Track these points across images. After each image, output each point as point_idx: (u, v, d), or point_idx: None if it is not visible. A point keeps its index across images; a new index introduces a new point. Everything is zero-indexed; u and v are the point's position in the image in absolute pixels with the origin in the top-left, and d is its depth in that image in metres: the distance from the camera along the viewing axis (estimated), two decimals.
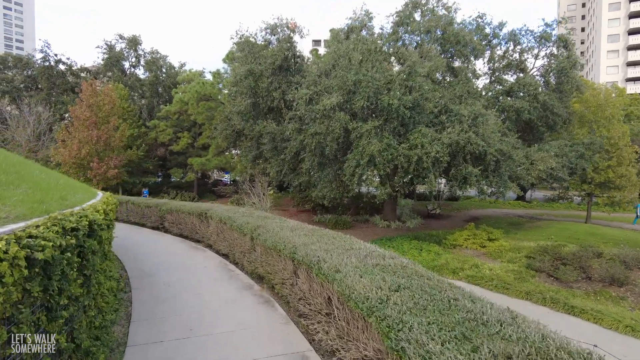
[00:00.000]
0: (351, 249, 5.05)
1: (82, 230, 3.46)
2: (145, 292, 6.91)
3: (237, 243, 8.66)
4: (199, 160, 35.49)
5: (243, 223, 8.12)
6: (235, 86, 24.73)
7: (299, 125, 19.09)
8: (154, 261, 9.61)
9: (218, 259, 9.84)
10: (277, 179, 23.16)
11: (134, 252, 10.60)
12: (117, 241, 12.78)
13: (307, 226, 7.22)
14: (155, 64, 46.49)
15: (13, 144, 35.17)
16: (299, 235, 6.10)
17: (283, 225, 7.20)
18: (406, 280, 3.69)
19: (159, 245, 11.96)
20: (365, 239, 21.85)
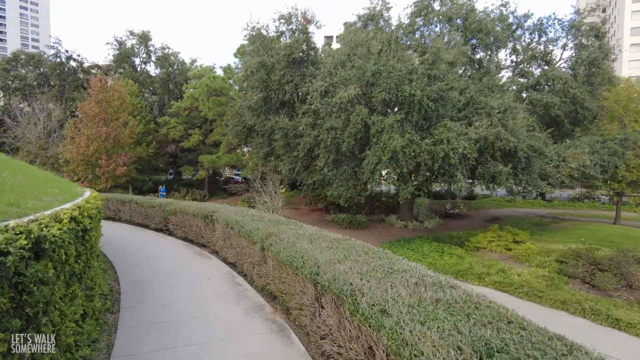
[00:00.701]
0: (393, 271, 3.84)
1: (14, 254, 2.35)
2: (136, 314, 5.80)
3: (246, 252, 7.57)
4: (210, 158, 34.60)
5: (252, 229, 7.01)
6: (246, 80, 23.66)
7: (313, 120, 17.90)
8: (152, 270, 8.59)
9: (224, 269, 8.79)
10: (289, 177, 22.04)
11: (132, 257, 9.62)
12: (116, 244, 11.84)
13: (329, 234, 6.04)
14: (167, 60, 45.81)
15: (23, 141, 34.79)
16: (321, 249, 4.94)
17: (300, 233, 6.06)
18: (494, 334, 2.46)
19: (160, 250, 10.98)
20: (382, 240, 20.64)
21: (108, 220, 17.58)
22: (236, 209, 10.10)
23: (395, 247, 18.65)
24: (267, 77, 21.30)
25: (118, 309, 5.93)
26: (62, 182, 7.79)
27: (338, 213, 27.36)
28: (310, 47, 21.73)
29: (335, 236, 5.88)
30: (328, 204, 29.17)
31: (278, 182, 23.04)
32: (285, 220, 7.69)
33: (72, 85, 42.95)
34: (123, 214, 16.07)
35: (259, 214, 8.66)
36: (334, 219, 26.26)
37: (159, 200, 13.87)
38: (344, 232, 22.97)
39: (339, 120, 15.79)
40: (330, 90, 16.47)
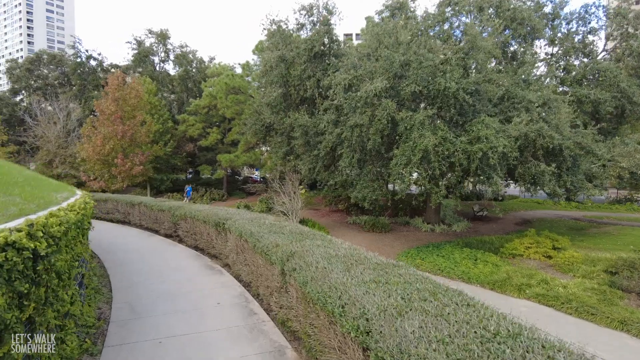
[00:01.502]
0: (493, 338, 2.46)
1: None
2: (122, 355, 4.61)
3: (262, 272, 6.38)
4: (228, 157, 33.80)
5: (270, 245, 5.78)
6: (264, 76, 22.62)
7: (335, 117, 16.65)
8: (153, 289, 7.53)
9: (237, 290, 7.56)
10: (309, 177, 20.87)
11: (133, 271, 8.66)
12: (119, 254, 10.75)
13: (370, 256, 4.76)
14: (185, 58, 45.36)
15: (43, 140, 34.77)
16: (366, 283, 3.59)
17: (331, 255, 4.75)
18: None
19: (167, 261, 9.92)
20: (408, 245, 19.23)
21: (117, 224, 16.87)
22: (252, 215, 8.92)
23: (424, 253, 17.29)
24: (287, 72, 20.18)
25: (100, 349, 4.74)
26: (41, 185, 6.72)
27: (360, 215, 26.08)
28: (332, 39, 20.49)
29: (379, 260, 4.54)
30: (349, 205, 27.91)
31: (297, 182, 21.94)
32: (310, 233, 6.41)
33: (92, 84, 42.93)
34: (132, 217, 15.23)
35: (278, 223, 7.42)
36: (355, 221, 25.03)
37: (169, 203, 12.90)
38: (366, 235, 21.68)
39: (364, 116, 14.49)
40: (355, 83, 15.18)
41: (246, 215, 8.93)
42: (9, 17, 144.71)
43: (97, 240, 12.70)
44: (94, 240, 12.93)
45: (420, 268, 16.17)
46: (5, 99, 41.80)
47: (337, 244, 5.28)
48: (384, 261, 4.41)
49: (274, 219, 8.01)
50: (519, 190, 35.75)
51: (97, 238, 12.94)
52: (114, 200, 16.34)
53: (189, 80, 44.65)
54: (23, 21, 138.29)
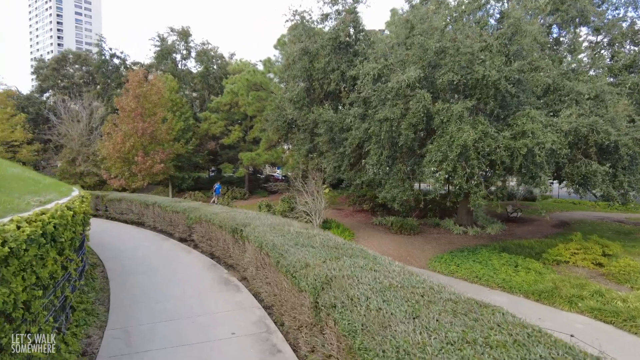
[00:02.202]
0: None
1: None
2: None
3: (288, 298, 5.09)
4: (249, 155, 33.06)
5: (298, 264, 4.60)
6: (287, 70, 21.62)
7: (363, 110, 15.45)
8: (159, 309, 6.48)
9: (256, 314, 6.31)
10: (333, 176, 19.74)
11: (138, 285, 7.72)
12: (126, 261, 9.76)
13: (439, 288, 3.44)
14: (206, 55, 44.96)
15: (67, 138, 34.92)
16: (453, 343, 2.35)
17: (383, 283, 3.54)
18: None
19: (178, 273, 8.86)
20: (440, 249, 17.85)
21: (131, 225, 16.17)
22: (274, 221, 7.71)
23: (459, 259, 15.95)
24: (310, 65, 19.10)
25: None
26: (21, 186, 5.80)
27: (386, 215, 24.82)
28: (359, 29, 19.27)
29: (453, 294, 3.33)
30: (374, 206, 26.68)
31: (321, 181, 20.88)
32: (347, 247, 5.21)
33: (115, 82, 43.07)
34: (147, 219, 14.48)
35: (305, 232, 6.20)
36: (381, 222, 23.80)
37: (184, 204, 11.96)
38: (394, 238, 20.42)
39: (395, 109, 13.24)
40: (385, 73, 13.94)
41: (267, 220, 7.68)
42: (40, 20, 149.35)
43: (105, 244, 11.97)
44: (102, 244, 12.06)
45: (456, 275, 14.87)
46: (33, 99, 42.42)
47: (385, 265, 4.03)
48: (461, 296, 3.18)
49: (300, 225, 6.88)
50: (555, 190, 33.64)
51: (107, 242, 12.13)
52: (128, 200, 15.63)
53: (210, 77, 44.25)
54: (53, 24, 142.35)
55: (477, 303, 2.98)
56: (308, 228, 6.51)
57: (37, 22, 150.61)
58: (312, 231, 6.23)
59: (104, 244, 11.69)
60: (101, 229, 15.19)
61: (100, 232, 14.21)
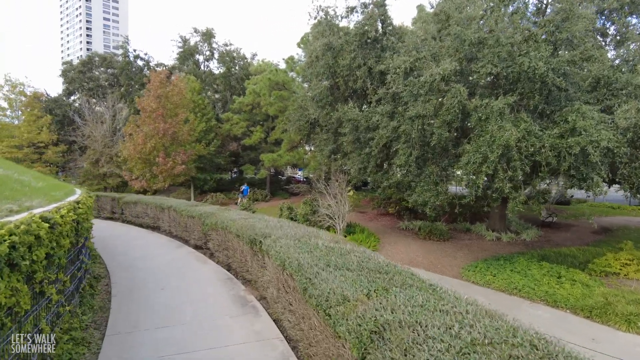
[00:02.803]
0: None
1: None
2: None
3: (321, 340, 3.94)
4: (271, 157, 32.41)
5: (332, 298, 3.53)
6: (309, 67, 20.76)
7: (391, 108, 14.41)
8: (162, 338, 5.53)
9: (278, 349, 5.16)
10: (358, 178, 18.72)
11: (143, 300, 6.96)
12: (135, 270, 9.06)
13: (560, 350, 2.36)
14: (229, 56, 44.73)
15: (90, 139, 35.14)
16: None
17: (459, 334, 2.50)
18: None
19: (191, 286, 7.93)
20: (473, 256, 16.55)
21: (146, 230, 15.49)
22: (299, 231, 6.56)
23: (494, 268, 14.70)
24: (334, 61, 18.16)
25: None
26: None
27: (413, 219, 23.65)
28: (387, 22, 18.23)
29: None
30: (401, 209, 25.54)
31: (344, 183, 19.91)
32: (394, 271, 4.05)
33: (139, 84, 43.33)
34: (162, 223, 13.83)
35: (337, 246, 5.03)
36: (408, 227, 22.67)
37: (200, 209, 11.07)
38: (422, 244, 19.28)
39: (427, 105, 12.17)
40: (417, 67, 12.86)
41: (291, 230, 6.53)
42: (70, 26, 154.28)
43: (117, 251, 11.35)
44: (113, 251, 11.34)
45: (492, 286, 13.66)
46: (60, 101, 43.09)
47: (451, 301, 2.84)
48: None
49: (329, 237, 5.88)
50: (583, 193, 31.59)
51: (118, 249, 11.51)
52: (144, 203, 15.02)
53: (232, 78, 43.99)
54: (83, 29, 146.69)
55: None
56: (339, 241, 5.42)
57: (68, 29, 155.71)
58: (345, 246, 5.16)
59: (115, 251, 11.05)
60: (115, 234, 14.62)
61: (114, 238, 13.60)
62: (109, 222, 17.89)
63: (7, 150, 30.57)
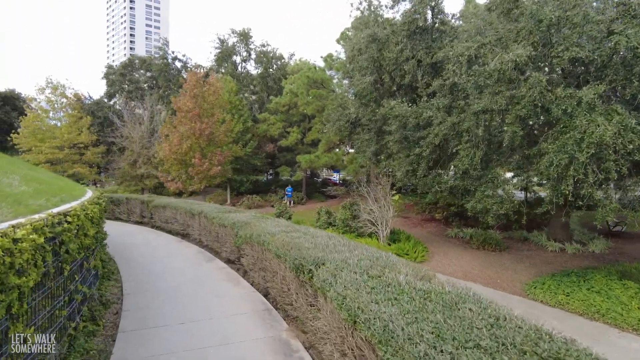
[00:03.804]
0: None
1: None
2: None
3: None
4: (308, 158, 31.19)
5: None
6: (351, 62, 19.38)
7: (449, 101, 12.69)
8: None
9: None
10: (404, 181, 17.06)
11: (156, 351, 5.20)
12: (153, 291, 7.60)
13: None
14: (266, 57, 44.09)
15: (128, 140, 35.27)
16: None
17: None
18: None
19: (218, 323, 6.24)
20: (536, 270, 14.24)
21: (175, 237, 14.18)
22: (363, 253, 4.91)
23: (566, 286, 12.63)
24: (380, 54, 16.63)
25: None
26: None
27: (463, 226, 21.68)
28: (438, 10, 16.48)
29: None
30: (449, 215, 23.59)
31: (388, 185, 18.29)
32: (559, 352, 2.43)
33: (176, 85, 43.46)
34: (192, 230, 12.59)
35: (432, 288, 3.39)
36: (458, 235, 20.73)
37: (233, 216, 9.69)
38: (475, 254, 17.38)
39: (497, 98, 10.39)
40: (482, 54, 11.09)
41: (351, 254, 4.77)
42: (115, 33, 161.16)
43: (137, 263, 10.14)
44: (133, 264, 10.10)
45: (567, 308, 11.65)
46: (101, 103, 43.95)
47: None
48: None
49: (410, 269, 4.07)
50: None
51: (140, 261, 10.33)
52: (173, 207, 13.88)
53: (269, 78, 43.31)
54: (127, 36, 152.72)
55: None
56: (426, 276, 3.63)
57: (114, 35, 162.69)
58: (443, 288, 3.44)
59: (135, 264, 9.86)
60: (140, 241, 13.50)
61: (138, 247, 12.46)
62: (137, 227, 16.88)
63: (49, 151, 31.00)
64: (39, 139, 31.59)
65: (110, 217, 20.35)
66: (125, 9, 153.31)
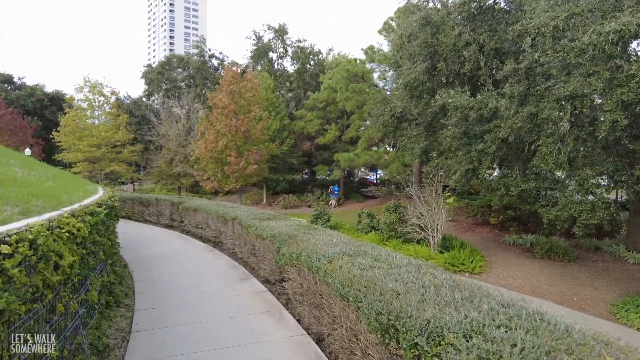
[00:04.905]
0: None
1: None
2: None
3: None
4: (347, 156, 29.55)
5: None
6: (399, 50, 17.57)
7: (524, 88, 10.74)
8: None
9: None
10: (461, 183, 15.08)
11: None
12: (170, 336, 5.66)
13: None
14: (303, 52, 42.87)
15: (165, 138, 35.01)
16: None
17: None
18: None
19: None
20: (620, 288, 10.31)
21: (207, 246, 12.47)
22: (503, 311, 2.83)
23: None
24: (434, 39, 14.80)
25: None
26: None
27: (521, 232, 19.41)
28: None
29: None
30: (505, 219, 21.33)
31: (440, 186, 16.39)
32: None
33: (213, 83, 43.09)
34: (225, 238, 10.89)
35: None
36: (516, 241, 18.54)
37: (273, 226, 7.80)
38: (541, 265, 15.22)
39: (592, 79, 8.43)
40: (572, 26, 9.08)
41: (473, 311, 2.85)
42: (156, 36, 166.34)
43: (159, 281, 8.55)
44: (156, 282, 8.56)
45: None
46: (139, 102, 44.27)
47: None
48: None
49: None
50: None
51: (162, 279, 8.68)
52: (204, 211, 12.38)
53: (306, 74, 42.07)
54: (166, 38, 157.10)
55: None
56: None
57: (154, 39, 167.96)
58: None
59: (157, 282, 8.26)
60: (165, 251, 11.89)
61: (162, 258, 10.80)
62: (166, 232, 15.71)
63: (87, 149, 31.10)
64: (77, 137, 31.78)
65: (140, 219, 19.74)
66: (165, 12, 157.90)
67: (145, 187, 43.03)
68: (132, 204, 20.02)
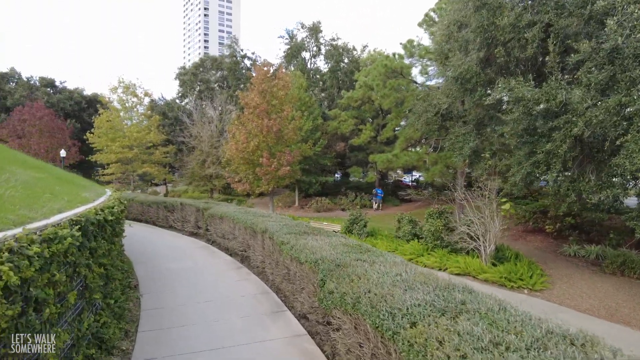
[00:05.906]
0: None
1: None
2: None
3: None
4: (384, 157, 27.87)
5: None
6: (448, 41, 15.92)
7: (606, 75, 8.92)
8: None
9: None
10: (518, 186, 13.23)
11: None
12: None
13: None
14: (336, 50, 41.57)
15: (197, 140, 34.60)
16: None
17: None
18: None
19: None
20: None
21: (233, 260, 10.98)
22: None
23: None
24: (491, 23, 13.08)
25: None
26: None
27: (583, 242, 17.23)
28: None
29: None
30: (563, 226, 19.11)
31: (494, 191, 14.57)
32: None
33: (245, 83, 42.55)
34: (253, 253, 9.31)
35: None
36: (578, 252, 16.42)
37: (314, 247, 6.01)
38: (617, 282, 13.21)
39: None
40: None
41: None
42: (191, 40, 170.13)
43: (171, 312, 7.03)
44: (166, 313, 7.01)
45: None
46: (173, 104, 44.36)
47: None
48: None
49: None
50: None
51: (175, 311, 7.10)
52: (231, 219, 10.93)
53: (340, 72, 40.71)
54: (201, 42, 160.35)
55: None
56: None
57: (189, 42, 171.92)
58: None
59: (163, 319, 6.56)
60: (187, 266, 10.39)
61: (180, 277, 9.33)
62: (190, 241, 14.44)
63: (119, 150, 31.05)
64: (110, 139, 31.80)
65: (164, 225, 18.94)
66: (200, 16, 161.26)
67: (178, 188, 42.97)
68: (157, 209, 19.18)
